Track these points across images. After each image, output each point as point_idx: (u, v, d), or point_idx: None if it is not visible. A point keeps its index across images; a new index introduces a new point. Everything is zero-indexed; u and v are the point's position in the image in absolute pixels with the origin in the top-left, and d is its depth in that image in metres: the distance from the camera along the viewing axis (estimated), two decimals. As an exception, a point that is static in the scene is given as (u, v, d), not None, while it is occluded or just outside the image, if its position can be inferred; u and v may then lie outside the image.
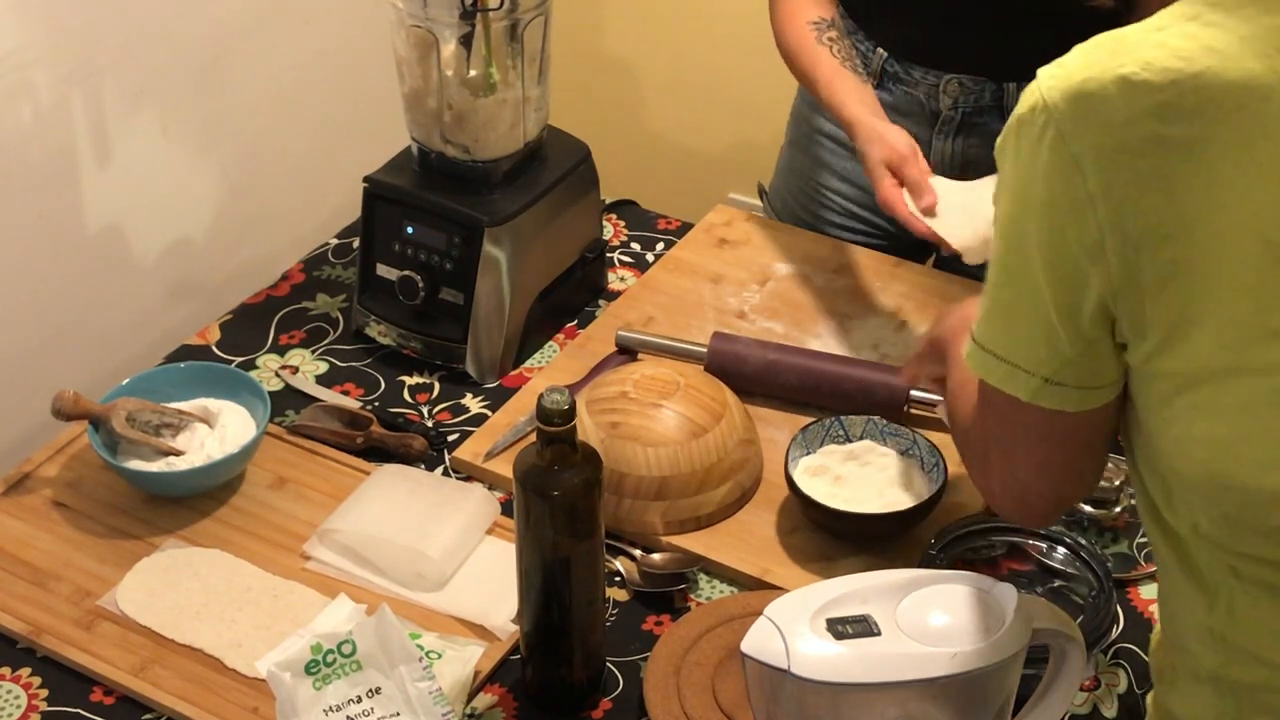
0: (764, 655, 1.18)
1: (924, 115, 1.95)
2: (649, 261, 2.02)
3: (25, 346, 1.94)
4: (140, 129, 2.03)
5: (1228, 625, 1.13)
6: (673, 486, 1.59)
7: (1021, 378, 1.10)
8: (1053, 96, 1.01)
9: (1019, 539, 1.53)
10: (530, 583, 1.40)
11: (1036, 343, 1.08)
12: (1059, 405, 1.10)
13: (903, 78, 1.94)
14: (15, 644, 1.50)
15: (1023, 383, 1.10)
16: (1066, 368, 1.08)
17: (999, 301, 1.11)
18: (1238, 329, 1.01)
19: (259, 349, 1.86)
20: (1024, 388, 1.10)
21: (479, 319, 1.80)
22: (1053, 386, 1.09)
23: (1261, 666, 1.14)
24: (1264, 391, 1.02)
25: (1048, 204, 1.03)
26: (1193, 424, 1.06)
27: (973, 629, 1.20)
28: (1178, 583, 1.16)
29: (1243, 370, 1.02)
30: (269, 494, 1.65)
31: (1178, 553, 1.15)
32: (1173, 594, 1.19)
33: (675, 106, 3.13)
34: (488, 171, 1.80)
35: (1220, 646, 1.15)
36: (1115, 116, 0.99)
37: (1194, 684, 1.19)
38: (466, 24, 1.72)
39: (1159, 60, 0.99)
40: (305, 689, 1.35)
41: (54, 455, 1.69)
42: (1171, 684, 1.23)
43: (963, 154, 1.96)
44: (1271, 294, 1.00)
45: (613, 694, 1.46)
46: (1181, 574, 1.15)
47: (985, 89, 1.91)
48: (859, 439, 1.64)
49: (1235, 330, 1.01)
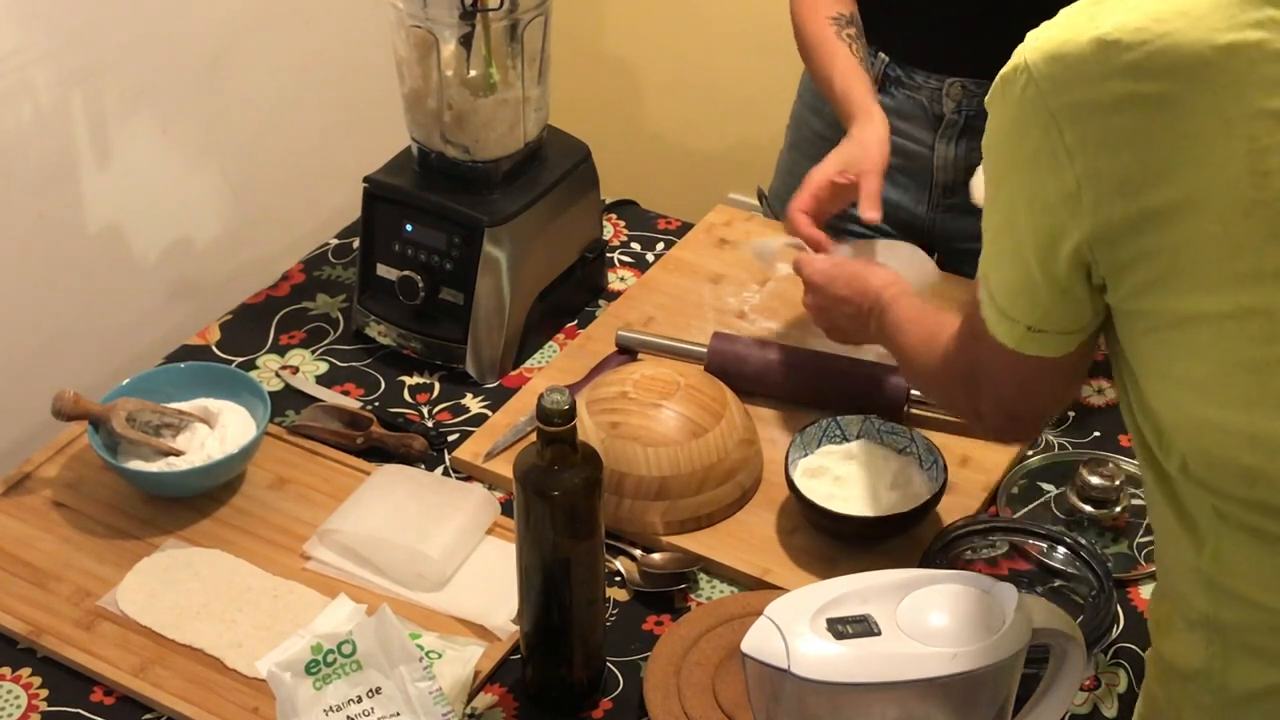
0: (764, 655, 1.18)
1: (926, 119, 1.95)
2: (649, 261, 2.02)
3: (25, 346, 1.95)
4: (140, 129, 2.03)
5: (1215, 568, 1.17)
6: (673, 486, 1.59)
7: (1007, 324, 1.18)
8: (1033, 57, 1.08)
9: (1019, 539, 1.53)
10: (530, 583, 1.40)
11: (1019, 293, 1.16)
12: (1039, 351, 1.18)
13: (905, 82, 1.94)
14: (15, 644, 1.50)
15: (1008, 329, 1.18)
16: (1046, 316, 1.16)
17: (993, 247, 1.18)
18: (1208, 275, 1.07)
19: (259, 349, 1.86)
20: (1009, 334, 1.18)
21: (479, 319, 1.80)
22: (1034, 334, 1.17)
23: (1247, 607, 1.17)
24: (1234, 334, 1.07)
25: (1028, 158, 1.10)
26: (1171, 364, 1.12)
27: (973, 629, 1.20)
28: (1170, 528, 1.20)
29: (1214, 314, 1.07)
30: (269, 494, 1.65)
31: (1169, 498, 1.19)
32: (1166, 540, 1.23)
33: (675, 106, 3.13)
34: (488, 171, 1.80)
35: (1209, 589, 1.19)
36: (1090, 75, 1.05)
37: (1187, 630, 1.23)
38: (466, 24, 1.72)
39: (1132, 21, 1.04)
40: (305, 689, 1.35)
41: (54, 455, 1.70)
42: (1166, 632, 1.27)
43: (965, 157, 1.95)
44: (1237, 241, 1.05)
45: (613, 694, 1.46)
46: (1173, 518, 1.19)
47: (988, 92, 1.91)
48: (856, 439, 1.64)
49: (1205, 276, 1.07)
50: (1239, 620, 1.19)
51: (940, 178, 1.97)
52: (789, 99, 2.12)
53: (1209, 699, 1.23)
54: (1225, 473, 1.13)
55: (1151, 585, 1.55)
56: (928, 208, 2.01)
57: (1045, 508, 1.62)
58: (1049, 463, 1.68)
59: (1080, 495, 1.60)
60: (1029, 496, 1.63)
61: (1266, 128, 1.03)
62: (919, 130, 1.96)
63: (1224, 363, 1.09)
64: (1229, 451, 1.11)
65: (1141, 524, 1.60)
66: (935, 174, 1.97)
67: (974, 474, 1.67)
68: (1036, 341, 1.18)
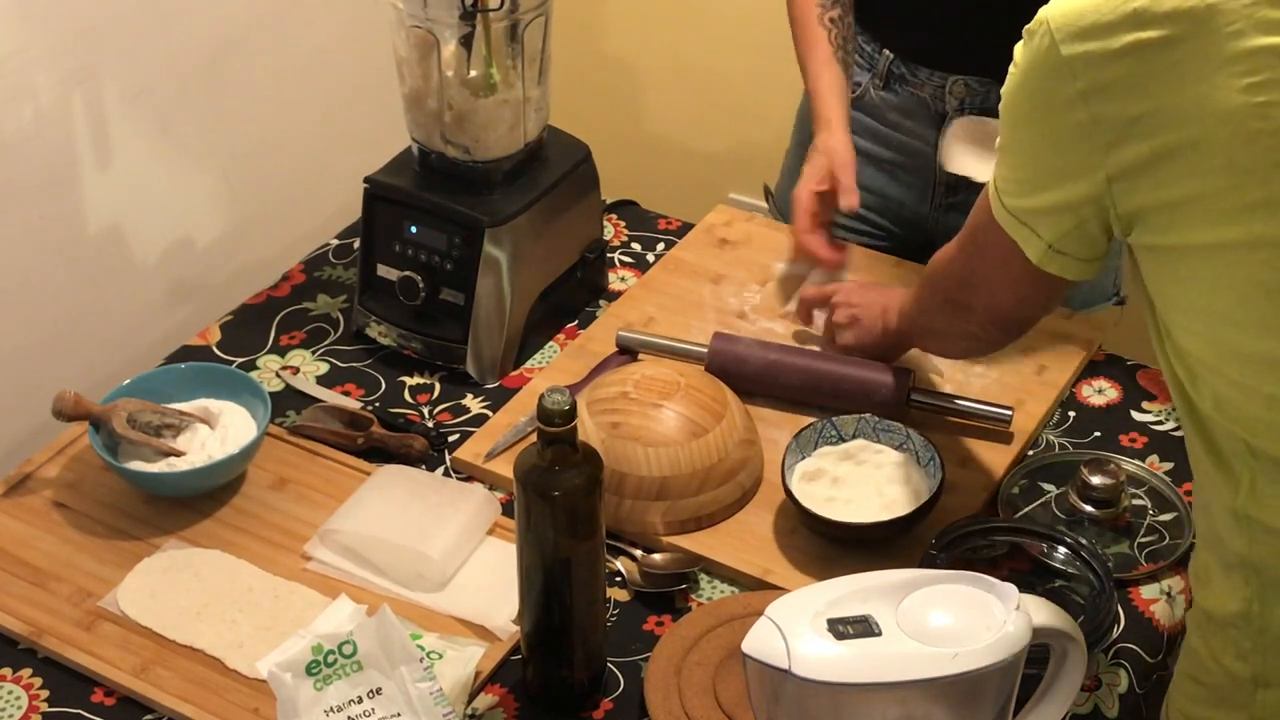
0: (765, 655, 1.18)
1: (929, 116, 1.95)
2: (649, 261, 2.02)
3: (25, 347, 1.94)
4: (140, 129, 2.02)
5: (1250, 504, 1.24)
6: (673, 487, 1.59)
7: (1034, 240, 1.27)
8: (1051, 11, 1.18)
9: (1019, 539, 1.53)
10: (531, 583, 1.40)
11: (1040, 214, 1.25)
12: (1060, 271, 1.28)
13: (908, 79, 1.94)
14: (16, 645, 1.50)
15: (1034, 245, 1.27)
16: (1065, 239, 1.25)
17: (1014, 170, 1.27)
18: (1219, 206, 1.14)
19: (260, 350, 1.86)
20: (1034, 249, 1.27)
21: (479, 319, 1.80)
22: (1054, 254, 1.27)
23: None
24: (1248, 262, 1.15)
25: (1045, 102, 1.20)
26: (1193, 298, 1.19)
27: (973, 629, 1.20)
28: (1208, 472, 1.28)
29: (1228, 244, 1.15)
30: (270, 495, 1.65)
31: (1205, 440, 1.26)
32: (1204, 484, 1.30)
33: (675, 106, 3.13)
34: (488, 172, 1.80)
35: (1245, 527, 1.25)
36: (1100, 23, 1.14)
37: (1224, 575, 1.29)
38: (467, 24, 1.72)
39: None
40: (306, 690, 1.35)
41: (54, 456, 1.70)
42: (1205, 583, 1.34)
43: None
44: (1243, 172, 1.12)
45: (613, 694, 1.46)
46: (1210, 463, 1.26)
47: (991, 90, 1.91)
48: (852, 438, 1.64)
49: (1217, 207, 1.14)
50: (1276, 557, 1.24)
51: (942, 175, 1.98)
52: (789, 99, 2.12)
53: (1249, 643, 1.28)
54: (1252, 402, 1.19)
55: (1152, 585, 1.56)
56: (930, 205, 2.01)
57: (1045, 508, 1.62)
58: (1049, 463, 1.68)
59: (1080, 495, 1.60)
60: (1029, 496, 1.63)
61: (1267, 61, 1.10)
62: (922, 127, 1.96)
63: (1242, 291, 1.16)
64: (1254, 379, 1.18)
65: (1142, 524, 1.61)
66: (938, 171, 1.98)
67: (974, 474, 1.67)
68: (1057, 262, 1.27)
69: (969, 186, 1.95)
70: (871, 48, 1.96)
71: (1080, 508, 1.60)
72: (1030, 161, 1.25)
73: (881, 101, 1.98)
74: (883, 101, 1.97)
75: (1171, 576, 1.57)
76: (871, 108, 1.99)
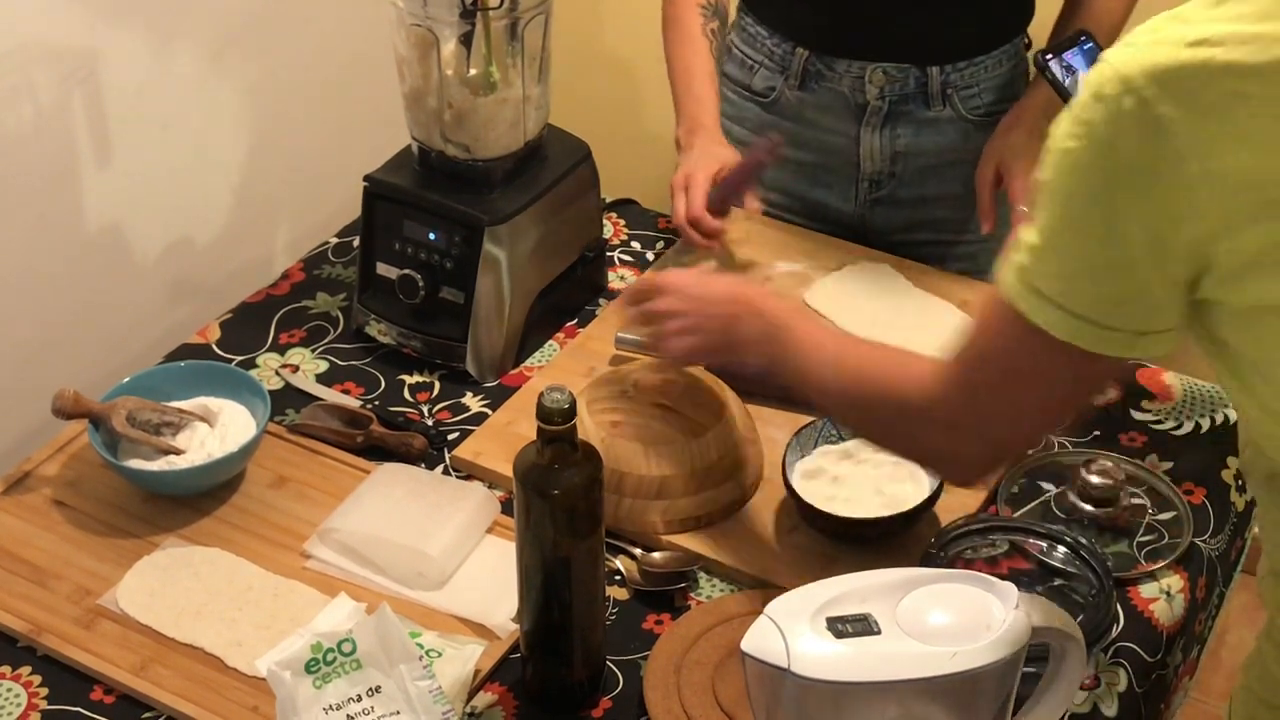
0: (764, 654, 1.18)
1: (849, 110, 1.95)
2: (649, 260, 2.02)
3: (25, 346, 1.95)
4: (140, 129, 2.03)
5: None
6: (673, 486, 1.59)
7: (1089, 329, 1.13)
8: (1129, 69, 1.06)
9: (1019, 538, 1.53)
10: (530, 582, 1.40)
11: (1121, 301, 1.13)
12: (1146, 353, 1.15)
13: (825, 74, 1.94)
14: (15, 642, 1.50)
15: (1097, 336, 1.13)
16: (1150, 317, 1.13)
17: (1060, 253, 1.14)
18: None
19: (259, 348, 1.86)
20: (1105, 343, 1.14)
21: (479, 318, 1.80)
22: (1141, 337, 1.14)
23: None
24: None
25: (1135, 166, 1.08)
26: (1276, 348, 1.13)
27: (973, 628, 1.20)
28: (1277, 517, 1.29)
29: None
30: (269, 493, 1.65)
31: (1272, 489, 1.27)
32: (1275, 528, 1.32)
33: (675, 106, 3.12)
34: (488, 170, 1.80)
35: None
36: (1193, 78, 1.05)
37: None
38: (467, 23, 1.72)
39: (1224, 28, 1.05)
40: (305, 688, 1.35)
41: (54, 454, 1.70)
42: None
43: (891, 144, 1.96)
44: None
45: (613, 693, 1.46)
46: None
47: (910, 75, 1.92)
48: (852, 437, 1.64)
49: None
50: None
51: (867, 169, 1.98)
52: (789, 98, 2.12)
53: None
54: None
55: (1151, 584, 1.56)
56: (855, 203, 2.01)
57: (1045, 507, 1.62)
58: (1049, 462, 1.68)
59: (1080, 495, 1.60)
60: (1029, 496, 1.63)
61: None
62: (841, 123, 1.96)
63: None
64: None
65: (1141, 523, 1.61)
66: (861, 165, 1.98)
67: (974, 473, 1.67)
68: (1143, 344, 1.15)
69: (893, 180, 1.96)
70: (783, 49, 1.95)
71: (1080, 507, 1.60)
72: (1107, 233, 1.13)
73: (798, 101, 1.97)
74: (799, 101, 1.97)
75: (1170, 576, 1.57)
76: (787, 109, 1.99)
